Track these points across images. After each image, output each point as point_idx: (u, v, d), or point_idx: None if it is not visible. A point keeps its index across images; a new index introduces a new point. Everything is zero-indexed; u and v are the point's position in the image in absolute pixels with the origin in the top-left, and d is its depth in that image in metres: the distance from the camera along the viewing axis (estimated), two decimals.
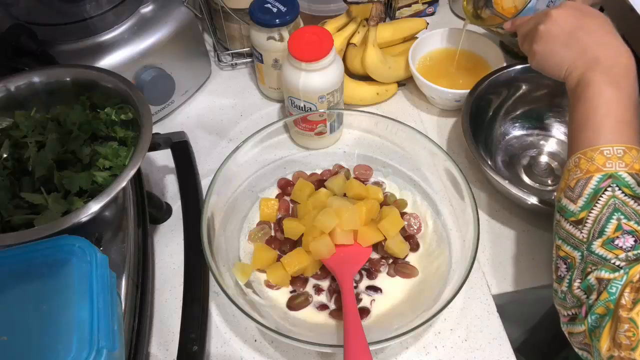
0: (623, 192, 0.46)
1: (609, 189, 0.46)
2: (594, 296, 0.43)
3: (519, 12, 0.69)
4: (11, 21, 0.66)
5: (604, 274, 0.43)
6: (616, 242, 0.44)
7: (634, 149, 0.47)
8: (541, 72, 0.56)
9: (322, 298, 0.61)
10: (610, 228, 0.45)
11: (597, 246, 0.45)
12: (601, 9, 0.81)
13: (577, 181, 0.48)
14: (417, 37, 0.84)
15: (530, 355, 0.87)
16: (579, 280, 0.45)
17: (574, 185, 0.48)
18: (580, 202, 0.47)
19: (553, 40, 0.54)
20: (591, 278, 0.44)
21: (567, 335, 0.46)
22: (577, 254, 0.47)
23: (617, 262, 0.43)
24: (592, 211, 0.46)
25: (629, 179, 0.46)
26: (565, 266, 0.48)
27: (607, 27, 0.52)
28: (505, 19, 0.69)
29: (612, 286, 0.42)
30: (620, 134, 0.47)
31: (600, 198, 0.46)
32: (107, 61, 0.69)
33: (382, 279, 0.62)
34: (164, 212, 0.71)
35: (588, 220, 0.46)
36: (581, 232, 0.47)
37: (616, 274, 0.42)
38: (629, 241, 0.44)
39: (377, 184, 0.70)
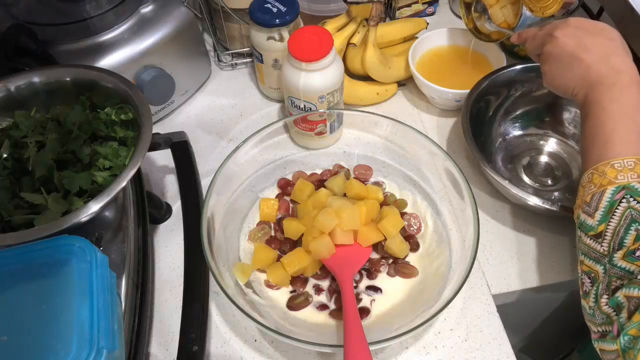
0: (639, 203, 0.45)
1: (624, 200, 0.46)
2: (624, 314, 0.43)
3: (512, 28, 0.69)
4: (11, 21, 0.66)
5: (634, 292, 0.42)
6: (637, 253, 0.44)
7: None
8: (553, 91, 0.57)
9: (322, 298, 0.61)
10: (629, 239, 0.45)
11: (618, 258, 0.45)
12: (601, 10, 0.82)
13: (592, 196, 0.48)
14: (417, 37, 0.84)
15: (536, 356, 0.86)
16: (606, 296, 0.45)
17: (590, 200, 0.48)
18: (598, 216, 0.47)
19: (557, 63, 0.55)
20: (620, 295, 0.43)
21: (598, 351, 0.46)
22: (599, 268, 0.46)
23: None
24: (610, 223, 0.46)
25: None
26: (589, 281, 0.48)
27: (609, 44, 0.52)
28: (506, 32, 0.70)
29: None
30: (629, 146, 0.48)
31: (617, 210, 0.46)
32: (107, 61, 0.69)
33: (382, 279, 0.62)
34: (164, 212, 0.71)
35: (607, 233, 0.46)
36: (601, 246, 0.47)
37: None
38: None
39: (377, 184, 0.70)
